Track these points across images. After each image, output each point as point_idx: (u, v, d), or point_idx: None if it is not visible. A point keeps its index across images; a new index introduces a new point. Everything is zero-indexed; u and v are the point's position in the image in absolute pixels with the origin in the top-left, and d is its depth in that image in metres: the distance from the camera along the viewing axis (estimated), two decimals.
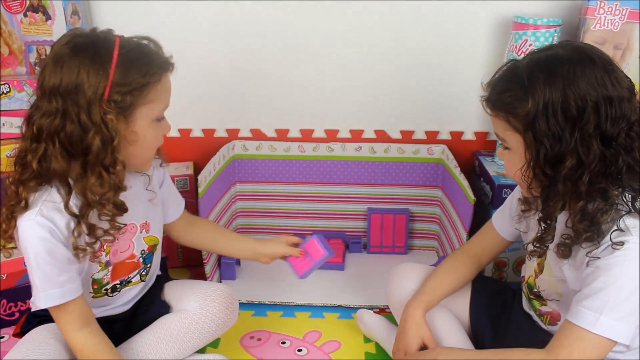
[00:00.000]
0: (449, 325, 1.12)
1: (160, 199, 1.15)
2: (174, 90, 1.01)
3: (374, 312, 1.31)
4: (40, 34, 1.43)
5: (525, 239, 1.07)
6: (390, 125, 1.63)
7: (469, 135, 1.63)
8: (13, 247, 0.99)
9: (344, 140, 1.64)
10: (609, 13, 1.36)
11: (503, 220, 1.14)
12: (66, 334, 0.99)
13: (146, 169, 1.08)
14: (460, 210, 1.43)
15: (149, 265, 1.15)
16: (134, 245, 1.09)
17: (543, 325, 1.05)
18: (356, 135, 1.64)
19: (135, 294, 1.14)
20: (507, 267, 1.46)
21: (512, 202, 1.10)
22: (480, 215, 1.34)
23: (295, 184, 1.67)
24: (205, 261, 1.41)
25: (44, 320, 1.06)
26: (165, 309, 1.17)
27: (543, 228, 0.93)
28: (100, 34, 0.95)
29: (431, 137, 1.64)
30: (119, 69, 0.91)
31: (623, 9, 1.35)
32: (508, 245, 1.17)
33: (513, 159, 0.92)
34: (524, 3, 1.48)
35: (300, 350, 1.27)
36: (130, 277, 1.12)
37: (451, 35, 1.53)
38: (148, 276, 1.16)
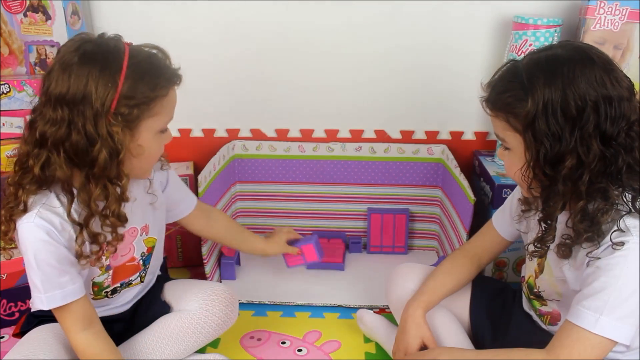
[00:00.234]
0: (449, 325, 1.12)
1: (161, 202, 1.14)
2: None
3: (374, 312, 1.31)
4: (40, 34, 1.43)
5: (525, 239, 1.07)
6: (390, 125, 1.63)
7: (469, 135, 1.63)
8: (13, 248, 0.99)
9: (344, 140, 1.64)
10: (609, 13, 1.36)
11: (503, 221, 1.14)
12: (69, 334, 0.98)
13: (147, 177, 1.07)
14: (460, 210, 1.43)
15: (148, 266, 1.15)
16: (134, 248, 1.09)
17: (543, 326, 1.05)
18: (356, 135, 1.64)
19: (135, 294, 1.15)
20: (507, 267, 1.46)
21: (513, 202, 1.10)
22: (480, 215, 1.33)
23: (295, 184, 1.67)
24: (205, 261, 1.41)
25: (43, 321, 1.06)
26: (165, 309, 1.17)
27: (543, 228, 0.93)
28: (110, 42, 0.93)
29: (431, 137, 1.64)
30: (127, 81, 0.89)
31: (623, 9, 1.35)
32: (508, 246, 1.17)
33: (513, 159, 0.92)
34: (524, 3, 1.48)
35: (300, 350, 1.27)
36: (131, 280, 1.12)
37: (451, 35, 1.53)
38: (147, 277, 1.16)
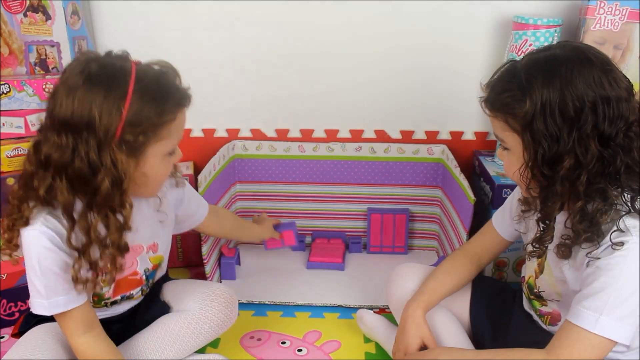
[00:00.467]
0: (449, 325, 1.12)
1: (171, 219, 1.13)
2: None
3: (374, 312, 1.31)
4: (40, 34, 1.42)
5: (524, 239, 1.06)
6: (390, 125, 1.63)
7: (469, 135, 1.63)
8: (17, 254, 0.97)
9: (344, 140, 1.64)
10: (609, 13, 1.36)
11: (503, 221, 1.14)
12: (70, 338, 0.99)
13: (154, 196, 1.05)
14: (460, 210, 1.43)
15: (151, 282, 1.15)
16: (137, 263, 1.08)
17: (543, 326, 1.05)
18: (356, 135, 1.64)
19: (134, 304, 1.14)
20: (507, 267, 1.46)
21: (513, 203, 1.10)
22: (480, 215, 1.33)
23: (295, 184, 1.67)
24: (205, 261, 1.41)
25: (42, 320, 1.06)
26: (165, 309, 1.17)
27: (542, 228, 0.93)
28: (116, 62, 0.89)
29: (431, 137, 1.64)
30: (133, 107, 0.86)
31: (623, 9, 1.35)
32: (508, 246, 1.17)
33: (512, 159, 0.92)
34: (524, 3, 1.48)
35: (300, 350, 1.27)
36: (132, 293, 1.11)
37: (451, 35, 1.53)
38: (149, 290, 1.16)
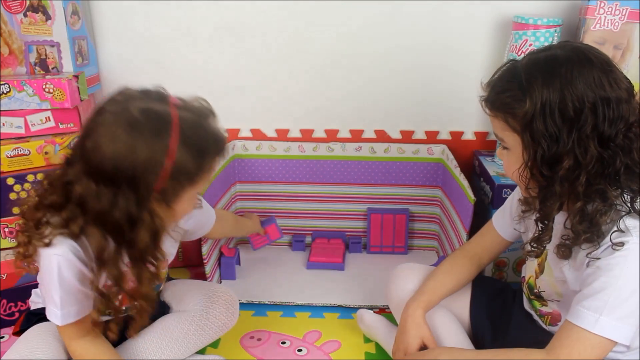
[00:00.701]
0: (449, 325, 1.12)
1: (180, 235, 1.13)
2: (175, 90, 0.98)
3: (374, 312, 1.31)
4: (40, 34, 1.42)
5: (524, 239, 1.06)
6: (390, 125, 1.63)
7: (469, 135, 1.63)
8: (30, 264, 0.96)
9: (344, 140, 1.64)
10: (609, 13, 1.36)
11: (503, 221, 1.14)
12: (67, 341, 0.99)
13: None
14: (460, 210, 1.43)
15: (156, 293, 1.14)
16: None
17: (544, 326, 1.05)
18: (356, 135, 1.64)
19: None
20: (507, 267, 1.46)
21: (513, 203, 1.10)
22: (480, 215, 1.33)
23: (295, 184, 1.67)
24: (205, 261, 1.41)
25: (43, 319, 1.05)
26: (164, 309, 1.17)
27: (540, 228, 0.93)
28: (157, 108, 0.85)
29: (431, 137, 1.64)
30: (175, 161, 0.84)
31: (623, 9, 1.35)
32: (508, 246, 1.17)
33: (511, 159, 0.92)
34: (524, 3, 1.48)
35: (300, 350, 1.27)
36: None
37: (451, 35, 1.53)
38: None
